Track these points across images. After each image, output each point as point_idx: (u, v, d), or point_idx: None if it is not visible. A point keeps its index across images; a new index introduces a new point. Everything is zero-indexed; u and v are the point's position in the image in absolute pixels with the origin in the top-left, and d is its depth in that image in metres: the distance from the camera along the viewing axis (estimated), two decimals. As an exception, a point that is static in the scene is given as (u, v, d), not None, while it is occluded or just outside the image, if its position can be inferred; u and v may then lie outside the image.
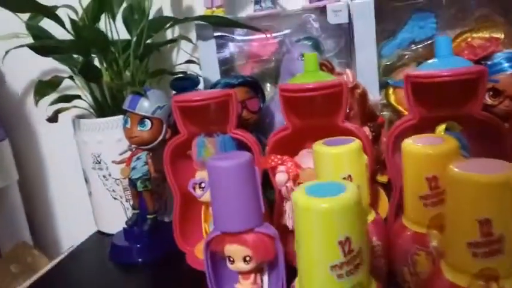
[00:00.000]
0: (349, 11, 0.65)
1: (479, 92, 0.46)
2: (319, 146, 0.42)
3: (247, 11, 0.75)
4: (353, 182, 0.41)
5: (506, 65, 0.54)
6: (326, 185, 0.32)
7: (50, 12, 0.64)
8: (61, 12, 0.66)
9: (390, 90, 0.67)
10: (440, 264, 0.34)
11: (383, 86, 0.68)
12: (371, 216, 0.44)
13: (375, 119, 0.63)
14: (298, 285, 0.33)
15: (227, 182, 0.43)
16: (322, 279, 0.30)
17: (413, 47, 0.69)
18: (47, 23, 0.68)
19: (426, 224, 0.38)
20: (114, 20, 0.68)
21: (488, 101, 0.56)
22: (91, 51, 0.65)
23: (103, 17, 0.69)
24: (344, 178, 0.41)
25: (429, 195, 0.38)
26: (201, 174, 0.56)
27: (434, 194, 0.38)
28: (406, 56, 0.70)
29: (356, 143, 0.41)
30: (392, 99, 0.66)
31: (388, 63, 0.69)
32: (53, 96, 0.68)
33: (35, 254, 0.86)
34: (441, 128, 0.49)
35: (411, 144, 0.39)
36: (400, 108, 0.66)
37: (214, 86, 0.65)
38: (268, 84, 0.75)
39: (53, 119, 0.67)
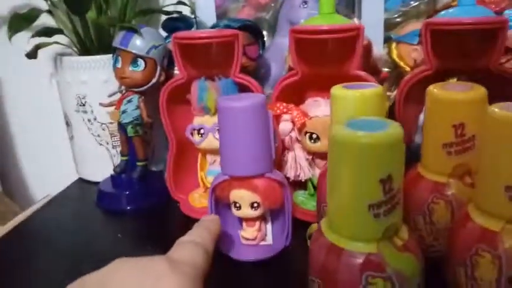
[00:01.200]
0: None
1: (498, 44, 0.45)
2: (340, 90, 0.40)
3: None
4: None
5: (516, 22, 0.54)
6: (367, 121, 0.30)
7: None
8: None
9: (393, 45, 0.65)
10: (468, 209, 0.33)
11: (386, 40, 0.66)
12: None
13: (378, 73, 0.62)
14: (325, 225, 0.31)
15: (241, 123, 0.40)
16: (357, 218, 0.29)
17: (416, 3, 0.68)
18: None
19: (448, 173, 0.38)
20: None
21: (496, 58, 0.55)
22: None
23: None
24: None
25: (454, 142, 0.37)
26: (200, 120, 0.53)
27: (459, 142, 0.37)
28: (407, 12, 0.69)
29: (380, 88, 0.39)
30: (395, 54, 0.65)
31: (391, 17, 0.67)
32: (29, 32, 0.62)
33: (6, 202, 0.80)
34: (453, 81, 0.48)
35: (439, 90, 0.38)
36: (402, 63, 0.64)
37: (212, 28, 0.61)
38: (264, 32, 0.71)
39: (32, 54, 0.62)
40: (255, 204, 0.43)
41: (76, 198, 0.64)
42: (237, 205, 0.44)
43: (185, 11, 0.72)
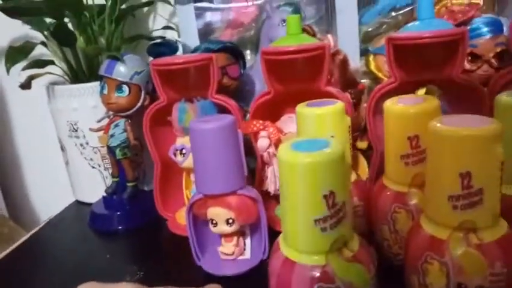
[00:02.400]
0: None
1: (459, 55, 0.46)
2: (302, 108, 0.42)
3: (227, -25, 0.73)
4: (335, 143, 0.42)
5: (484, 29, 0.55)
6: (310, 142, 0.32)
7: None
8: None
9: (371, 57, 0.67)
10: (420, 219, 0.35)
11: (363, 53, 0.68)
12: (353, 178, 0.44)
13: (355, 86, 0.63)
14: (282, 240, 0.33)
15: (209, 144, 0.43)
16: (306, 233, 0.30)
17: (393, 14, 0.69)
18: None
19: (408, 183, 0.40)
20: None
21: (467, 65, 0.56)
22: (64, 13, 0.62)
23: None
24: (327, 139, 0.41)
25: (410, 154, 0.39)
26: (181, 141, 0.55)
27: (415, 153, 0.38)
28: (386, 24, 0.70)
29: (339, 104, 0.41)
30: (372, 66, 0.67)
31: (369, 30, 0.69)
32: (25, 62, 0.65)
33: (11, 225, 0.84)
34: (421, 92, 0.50)
35: (393, 104, 0.39)
36: (380, 75, 0.66)
37: (193, 51, 0.64)
38: (248, 52, 0.74)
39: (26, 85, 0.65)
40: (230, 221, 0.45)
41: (71, 219, 0.67)
42: (214, 222, 0.46)
43: (173, 35, 0.75)
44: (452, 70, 0.47)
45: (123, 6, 0.69)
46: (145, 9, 0.77)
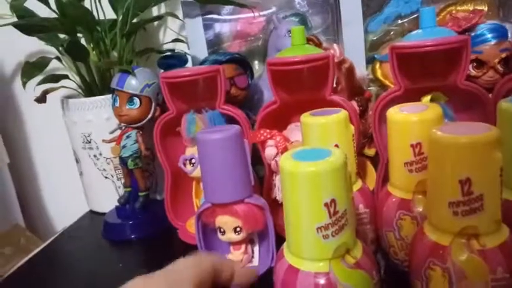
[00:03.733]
0: (335, -14, 0.65)
1: (462, 62, 0.47)
2: (306, 117, 0.43)
3: (234, -12, 0.74)
4: (339, 151, 0.42)
5: (489, 35, 0.55)
6: (312, 151, 0.32)
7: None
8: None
9: (377, 65, 0.68)
10: (423, 225, 0.35)
11: (370, 61, 0.69)
12: (358, 185, 0.45)
13: (362, 94, 0.64)
14: (286, 248, 0.34)
15: (216, 154, 0.44)
16: (309, 241, 0.31)
17: (399, 21, 0.70)
18: (32, 4, 0.67)
19: (412, 190, 0.40)
20: (99, -1, 0.68)
21: (472, 72, 0.57)
22: (76, 29, 0.64)
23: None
24: (331, 147, 0.42)
25: (414, 161, 0.39)
26: (191, 151, 0.56)
27: (418, 160, 0.39)
28: (392, 31, 0.71)
29: (342, 113, 0.42)
30: (379, 73, 0.67)
31: (375, 38, 0.69)
32: (41, 77, 0.68)
33: (28, 235, 0.86)
34: (427, 98, 0.50)
35: (396, 112, 0.40)
36: (387, 82, 0.67)
37: (202, 63, 0.65)
38: (256, 62, 0.75)
39: (41, 99, 0.67)
40: (238, 229, 0.46)
41: (86, 229, 0.69)
42: (222, 230, 0.47)
43: (183, 47, 0.77)
44: (456, 77, 0.48)
45: (134, 21, 0.72)
46: (156, 23, 0.79)
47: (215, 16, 0.74)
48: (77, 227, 0.70)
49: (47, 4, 0.65)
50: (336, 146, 0.42)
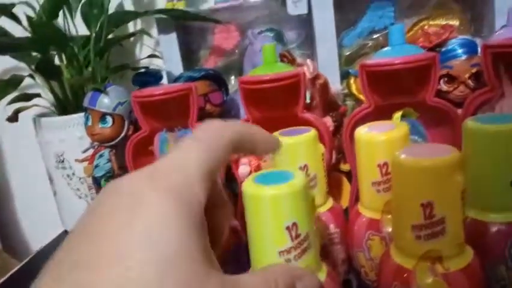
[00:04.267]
0: (309, 1, 0.65)
1: (431, 79, 0.47)
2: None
3: (209, 3, 0.74)
4: (308, 171, 0.42)
5: (459, 51, 0.56)
6: (274, 174, 0.32)
7: (6, 11, 0.63)
8: (19, 10, 0.65)
9: (352, 80, 0.68)
10: (390, 247, 0.35)
11: (345, 75, 0.69)
12: (329, 204, 0.44)
13: (337, 109, 0.64)
14: (251, 271, 0.33)
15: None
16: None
17: (374, 36, 0.70)
18: (4, 22, 0.66)
19: (380, 210, 0.40)
20: (72, 16, 0.67)
21: (444, 87, 0.57)
22: (48, 48, 0.64)
23: (61, 12, 0.68)
24: (300, 168, 0.42)
25: (381, 181, 0.39)
26: (164, 169, 0.56)
27: (385, 180, 0.39)
28: (367, 45, 0.72)
29: (310, 133, 0.42)
30: (354, 88, 0.67)
31: (349, 53, 0.70)
32: (14, 94, 0.67)
33: (4, 257, 0.84)
34: (398, 115, 0.50)
35: (363, 132, 0.40)
36: (361, 97, 0.67)
37: (176, 80, 0.65)
38: (232, 77, 0.75)
39: (13, 118, 0.66)
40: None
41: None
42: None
43: (160, 62, 0.77)
44: (425, 94, 0.48)
45: (110, 36, 0.71)
46: (132, 38, 0.78)
47: (190, 31, 0.74)
48: (52, 247, 0.69)
49: (20, 23, 0.64)
50: (306, 165, 0.42)
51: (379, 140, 0.39)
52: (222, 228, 0.26)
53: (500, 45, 0.46)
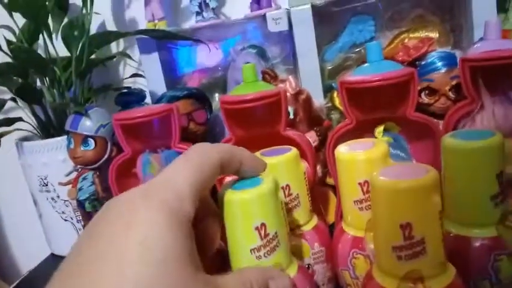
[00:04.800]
0: (289, 18, 0.65)
1: (410, 94, 0.47)
2: None
3: (190, 22, 0.74)
4: (291, 191, 0.42)
5: (439, 64, 0.56)
6: (249, 180, 0.34)
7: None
8: (-1, 33, 0.65)
9: (335, 94, 0.68)
10: (372, 268, 0.35)
11: (328, 89, 0.69)
12: (313, 223, 0.44)
13: (321, 123, 0.64)
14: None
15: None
16: (245, 262, 0.32)
17: (356, 49, 0.71)
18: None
19: (363, 228, 0.40)
20: (51, 38, 0.67)
21: (425, 99, 0.57)
22: (28, 72, 0.63)
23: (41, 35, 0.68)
24: (282, 187, 0.42)
25: (363, 199, 0.39)
26: (148, 191, 0.55)
27: (367, 198, 0.39)
28: (350, 59, 0.72)
29: (291, 153, 0.42)
30: (337, 102, 0.68)
31: (330, 67, 0.70)
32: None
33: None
34: (380, 129, 0.50)
35: (342, 150, 0.40)
36: (345, 110, 0.67)
37: (159, 100, 0.65)
38: (216, 94, 0.75)
39: (-6, 143, 0.65)
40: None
41: (47, 273, 0.66)
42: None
43: (144, 81, 0.76)
44: (405, 109, 0.48)
45: (92, 56, 0.71)
46: (115, 58, 0.78)
47: (173, 50, 0.74)
48: (39, 271, 0.68)
49: (0, 48, 0.64)
50: (288, 185, 0.42)
51: (359, 159, 0.38)
52: (214, 234, 0.31)
53: (478, 59, 0.47)
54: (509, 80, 0.47)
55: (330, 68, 0.71)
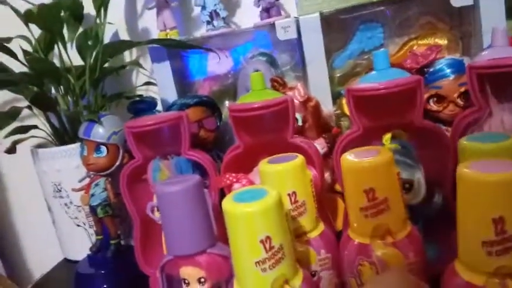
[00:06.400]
0: (298, 26, 0.66)
1: (417, 102, 0.47)
2: (263, 165, 0.43)
3: (201, 31, 0.76)
4: (297, 198, 0.42)
5: (447, 71, 0.56)
6: (251, 191, 0.34)
7: (2, 46, 0.64)
8: (16, 44, 0.66)
9: (344, 101, 0.68)
10: (455, 264, 0.34)
11: (337, 96, 0.70)
12: (319, 229, 0.45)
13: (329, 130, 0.65)
14: (236, 283, 0.36)
15: (175, 206, 0.43)
16: (249, 274, 0.33)
17: (365, 56, 0.71)
18: (2, 56, 0.68)
19: (369, 235, 0.40)
20: (65, 48, 0.69)
21: (434, 107, 0.57)
22: (43, 82, 0.65)
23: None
24: (289, 194, 0.42)
25: (368, 206, 0.39)
26: (158, 197, 0.56)
27: (372, 205, 0.39)
28: (359, 66, 0.72)
29: (297, 160, 0.42)
30: (346, 108, 0.68)
31: (339, 74, 0.70)
32: (11, 126, 0.68)
33: (8, 284, 0.85)
34: (388, 136, 0.50)
35: (348, 158, 0.40)
36: (354, 117, 0.67)
37: (170, 107, 0.66)
38: (227, 102, 0.76)
39: (11, 150, 0.67)
40: (202, 280, 0.45)
41: (59, 278, 0.68)
42: (186, 281, 0.46)
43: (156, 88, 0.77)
44: (412, 116, 0.48)
45: (106, 65, 0.73)
46: (127, 66, 0.80)
47: (184, 58, 0.76)
48: (51, 276, 0.69)
49: (16, 58, 0.66)
50: (294, 192, 0.42)
51: (364, 166, 0.39)
52: None
53: (485, 66, 0.47)
54: (518, 87, 0.47)
55: (339, 75, 0.72)
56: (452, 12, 0.67)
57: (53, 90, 0.72)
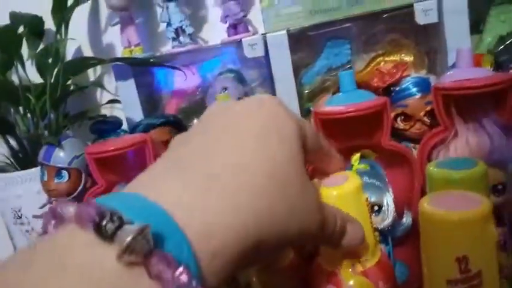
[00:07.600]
0: (265, 43, 0.65)
1: (384, 123, 0.47)
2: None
3: (167, 47, 0.74)
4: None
5: (413, 89, 0.56)
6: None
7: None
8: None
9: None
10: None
11: (306, 113, 0.69)
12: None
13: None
14: None
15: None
16: None
17: (333, 73, 0.71)
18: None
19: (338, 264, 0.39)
20: (24, 67, 0.66)
21: (401, 125, 0.57)
22: (1, 103, 0.62)
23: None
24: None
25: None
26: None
27: (341, 235, 0.38)
28: (327, 82, 0.72)
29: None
30: (315, 126, 0.67)
31: (308, 90, 0.70)
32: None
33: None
34: (356, 157, 0.50)
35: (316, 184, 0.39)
36: (323, 134, 0.67)
37: (135, 128, 0.64)
38: (195, 119, 0.75)
39: (-33, 175, 0.64)
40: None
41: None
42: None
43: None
44: (379, 137, 0.48)
45: (68, 82, 0.70)
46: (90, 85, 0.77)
47: (150, 75, 0.74)
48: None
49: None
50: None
51: (332, 193, 0.38)
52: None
53: (450, 88, 0.47)
54: (482, 108, 0.48)
55: (308, 91, 0.71)
56: (418, 29, 0.67)
57: (12, 110, 0.68)
